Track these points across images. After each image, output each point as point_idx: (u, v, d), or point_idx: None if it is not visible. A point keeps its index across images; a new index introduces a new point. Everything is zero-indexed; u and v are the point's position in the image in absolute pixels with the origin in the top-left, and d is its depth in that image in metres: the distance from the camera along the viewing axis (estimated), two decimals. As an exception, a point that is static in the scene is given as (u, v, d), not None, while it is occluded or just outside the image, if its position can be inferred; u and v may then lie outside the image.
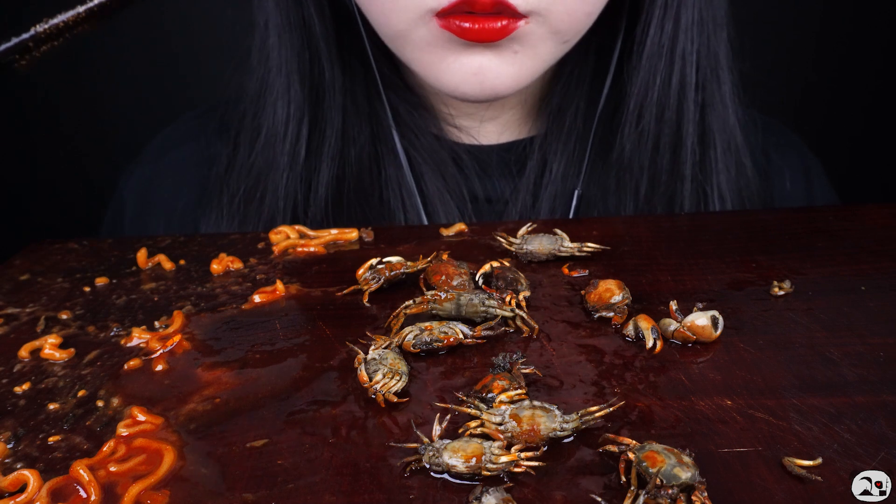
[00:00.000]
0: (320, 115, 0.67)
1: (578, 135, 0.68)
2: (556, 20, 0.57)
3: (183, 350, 0.45)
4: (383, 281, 0.49)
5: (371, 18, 0.61)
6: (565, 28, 0.58)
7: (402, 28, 0.58)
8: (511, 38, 0.56)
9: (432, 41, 0.58)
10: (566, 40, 0.60)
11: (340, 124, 0.67)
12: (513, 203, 0.68)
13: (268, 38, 0.67)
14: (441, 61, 0.59)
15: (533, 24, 0.56)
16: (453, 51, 0.58)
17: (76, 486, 0.34)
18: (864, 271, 0.49)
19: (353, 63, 0.68)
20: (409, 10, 0.56)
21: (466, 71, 0.58)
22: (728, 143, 0.68)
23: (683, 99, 0.66)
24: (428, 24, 0.57)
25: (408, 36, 0.58)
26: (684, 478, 0.31)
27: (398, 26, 0.58)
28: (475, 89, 0.59)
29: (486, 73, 0.58)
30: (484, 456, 0.33)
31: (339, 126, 0.67)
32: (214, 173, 0.70)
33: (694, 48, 0.65)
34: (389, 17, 0.58)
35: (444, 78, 0.59)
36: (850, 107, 1.22)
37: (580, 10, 0.58)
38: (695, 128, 0.67)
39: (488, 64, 0.58)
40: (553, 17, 0.57)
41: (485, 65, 0.58)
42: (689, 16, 0.64)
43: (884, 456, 0.33)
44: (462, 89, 0.59)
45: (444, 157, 0.68)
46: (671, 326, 0.42)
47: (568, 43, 0.60)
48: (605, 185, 0.68)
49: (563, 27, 0.58)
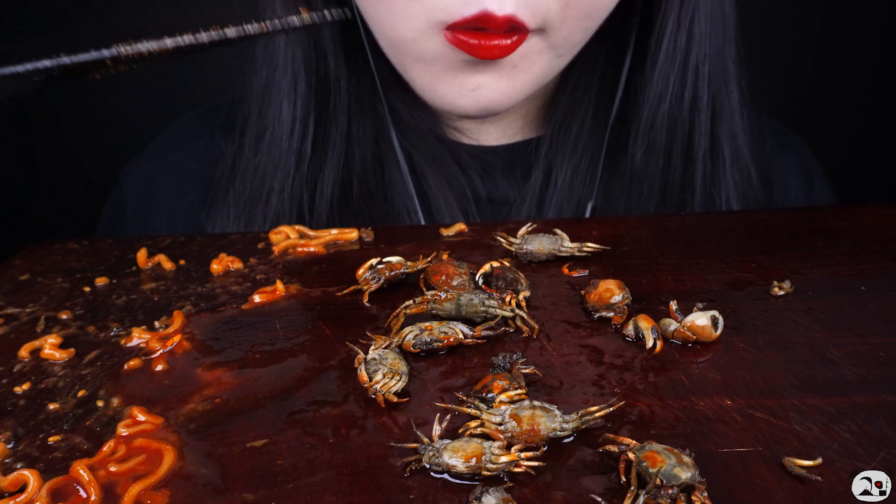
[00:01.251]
0: (326, 114, 0.67)
1: (586, 144, 0.68)
2: (557, 36, 0.57)
3: (183, 350, 0.45)
4: (383, 281, 0.49)
5: (376, 24, 0.60)
6: (561, 43, 0.58)
7: (407, 37, 0.57)
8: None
9: (436, 55, 0.57)
10: (561, 55, 0.60)
11: (346, 124, 0.67)
12: (518, 208, 0.68)
13: (274, 39, 0.66)
14: (442, 75, 0.58)
15: (534, 39, 0.56)
16: (454, 68, 0.58)
17: (76, 486, 0.34)
18: (864, 271, 0.49)
19: (358, 63, 0.68)
20: (419, 20, 0.55)
21: (465, 87, 0.58)
22: (736, 153, 0.68)
23: (695, 111, 0.66)
24: (435, 38, 0.56)
25: (411, 46, 0.58)
26: (684, 478, 0.31)
27: (404, 34, 0.57)
28: (470, 104, 0.59)
29: (482, 89, 0.58)
30: (484, 456, 0.33)
31: (344, 126, 0.67)
32: (220, 174, 0.70)
33: (706, 61, 0.65)
34: (396, 25, 0.57)
35: (440, 92, 0.60)
36: (850, 107, 1.22)
37: (579, 27, 0.58)
38: (706, 139, 0.67)
39: (486, 81, 0.58)
40: (554, 34, 0.57)
41: (483, 82, 0.58)
42: (701, 29, 0.64)
43: (884, 456, 0.33)
44: (458, 104, 0.59)
45: (446, 158, 0.68)
46: (671, 326, 0.42)
47: (563, 58, 0.61)
48: (614, 195, 0.68)
49: (561, 42, 0.58)
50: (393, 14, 0.57)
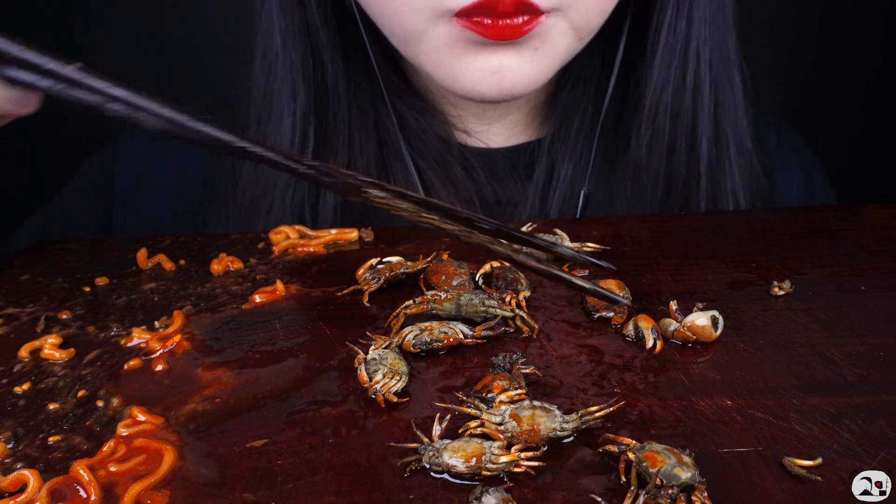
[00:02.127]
0: (327, 124, 0.66)
1: (586, 138, 0.68)
2: (576, 16, 0.56)
3: (183, 350, 0.45)
4: (383, 281, 0.49)
5: (382, 19, 0.59)
6: (583, 24, 0.58)
7: (417, 28, 0.56)
8: (532, 34, 0.55)
9: (450, 41, 0.56)
10: (582, 37, 0.59)
11: (347, 133, 0.66)
12: (522, 206, 0.68)
13: (271, 45, 0.66)
14: (460, 61, 0.57)
15: (553, 19, 0.55)
16: (472, 50, 0.56)
17: (76, 486, 0.34)
18: (864, 271, 0.49)
19: (358, 69, 0.67)
20: (425, 10, 0.55)
21: (486, 70, 0.57)
22: (740, 143, 0.68)
23: (698, 98, 0.65)
24: (446, 24, 0.55)
25: (423, 36, 0.57)
26: (684, 478, 0.31)
27: (413, 26, 0.56)
28: (493, 89, 0.58)
29: (504, 71, 0.57)
30: (484, 456, 0.33)
31: (346, 135, 0.66)
32: (220, 183, 0.69)
33: (707, 46, 0.64)
34: (403, 17, 0.56)
35: (462, 78, 0.58)
36: (850, 107, 1.22)
37: (597, 7, 0.57)
38: (710, 128, 0.66)
39: (508, 63, 0.56)
40: (572, 13, 0.56)
41: (505, 63, 0.56)
42: (700, 15, 0.63)
43: (884, 456, 0.33)
44: (480, 89, 0.58)
45: (451, 162, 0.67)
46: (671, 326, 0.42)
47: (583, 40, 0.60)
48: (619, 187, 0.68)
49: (582, 23, 0.57)
50: (398, 8, 0.56)
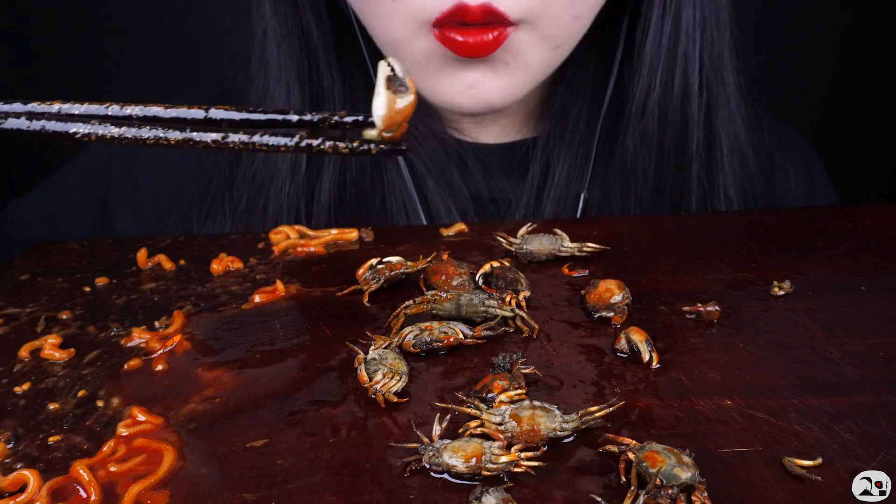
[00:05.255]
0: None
1: (582, 138, 0.68)
2: (545, 26, 0.57)
3: (183, 350, 0.45)
4: (383, 281, 0.49)
5: (371, 27, 0.61)
6: (554, 33, 0.58)
7: (400, 38, 0.58)
8: (502, 48, 0.57)
9: (429, 54, 0.58)
10: (557, 45, 0.60)
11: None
12: (516, 206, 0.68)
13: (267, 46, 0.67)
14: (438, 74, 0.59)
15: (522, 33, 0.57)
16: (450, 65, 0.58)
17: (76, 486, 0.34)
18: (864, 271, 0.49)
19: (352, 69, 0.68)
20: (407, 20, 0.57)
21: (462, 84, 0.59)
22: (734, 144, 0.68)
23: (687, 100, 0.66)
24: (425, 37, 0.57)
25: (406, 46, 0.59)
26: (684, 478, 0.31)
27: (397, 35, 0.58)
28: (470, 102, 0.60)
29: (479, 87, 0.59)
30: (484, 456, 0.33)
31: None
32: (216, 183, 0.70)
33: (696, 49, 0.65)
34: (388, 28, 0.59)
35: (439, 90, 0.60)
36: (850, 107, 1.22)
37: (566, 14, 0.58)
38: (700, 129, 0.66)
39: (481, 78, 0.59)
40: (541, 24, 0.57)
41: (478, 79, 0.59)
42: (689, 16, 0.64)
43: (884, 456, 0.33)
44: (457, 101, 0.60)
45: (445, 159, 0.68)
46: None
47: (560, 49, 0.60)
48: (611, 188, 0.68)
49: (553, 32, 0.58)
50: (383, 17, 0.58)
